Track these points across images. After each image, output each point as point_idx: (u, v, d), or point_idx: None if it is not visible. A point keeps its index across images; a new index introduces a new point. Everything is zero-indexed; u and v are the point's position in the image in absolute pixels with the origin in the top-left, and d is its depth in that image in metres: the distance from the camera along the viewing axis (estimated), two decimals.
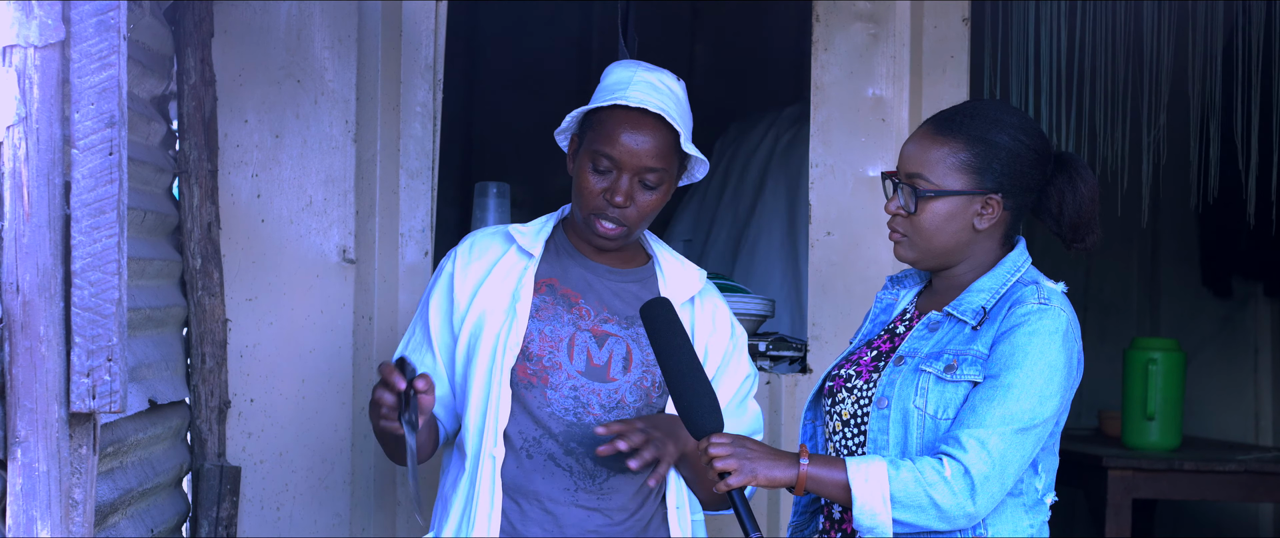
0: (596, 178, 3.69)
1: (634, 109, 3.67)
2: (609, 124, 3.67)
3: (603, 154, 3.66)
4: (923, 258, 3.44)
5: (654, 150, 3.68)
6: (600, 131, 3.68)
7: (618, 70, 3.76)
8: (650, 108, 3.66)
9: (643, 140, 3.67)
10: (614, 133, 3.66)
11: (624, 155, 3.66)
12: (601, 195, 3.68)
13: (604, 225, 3.70)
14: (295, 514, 4.65)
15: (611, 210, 3.68)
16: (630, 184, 3.68)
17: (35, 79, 2.81)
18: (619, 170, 3.67)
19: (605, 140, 3.66)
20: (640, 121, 3.67)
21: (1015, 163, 3.38)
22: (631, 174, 3.67)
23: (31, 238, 2.81)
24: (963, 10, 4.95)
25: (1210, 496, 6.19)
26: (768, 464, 3.28)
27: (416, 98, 4.73)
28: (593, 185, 3.69)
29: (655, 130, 3.68)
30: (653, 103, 3.67)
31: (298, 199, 4.66)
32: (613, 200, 3.67)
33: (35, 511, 2.82)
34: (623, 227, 3.72)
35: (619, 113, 3.68)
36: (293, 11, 4.66)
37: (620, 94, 3.68)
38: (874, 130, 4.90)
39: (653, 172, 3.68)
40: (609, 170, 3.67)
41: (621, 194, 3.67)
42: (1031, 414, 3.27)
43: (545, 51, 7.60)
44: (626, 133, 3.66)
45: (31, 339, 2.81)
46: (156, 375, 4.17)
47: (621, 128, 3.66)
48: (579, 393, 3.72)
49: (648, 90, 3.70)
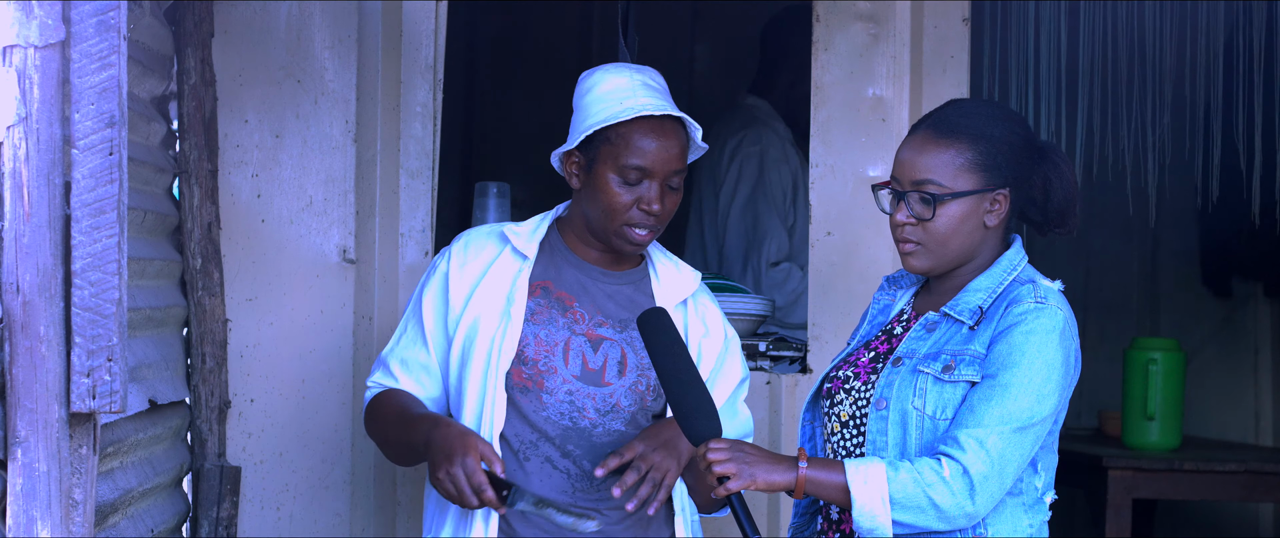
0: (626, 190, 3.69)
1: (657, 117, 3.68)
2: (635, 136, 3.68)
3: (634, 166, 3.67)
4: (938, 264, 3.43)
5: (680, 153, 3.72)
6: (625, 144, 3.68)
7: (610, 78, 3.75)
8: (672, 113, 3.69)
9: (670, 146, 3.69)
10: (643, 144, 3.67)
11: (657, 164, 3.68)
12: (635, 206, 3.69)
13: (638, 233, 3.72)
14: (295, 514, 4.65)
15: (648, 219, 3.70)
16: (661, 190, 3.69)
17: (35, 79, 2.81)
18: (650, 179, 3.68)
19: (635, 153, 3.67)
20: (663, 128, 3.69)
21: (1015, 154, 3.40)
22: (662, 180, 3.69)
23: (32, 238, 2.81)
24: (963, 10, 4.95)
25: (1210, 496, 6.19)
26: (766, 468, 3.28)
27: (417, 98, 4.72)
28: (622, 198, 3.69)
29: (676, 134, 3.71)
30: (671, 108, 3.69)
31: (298, 199, 4.66)
32: (650, 210, 3.69)
33: (35, 511, 2.82)
34: (656, 230, 3.75)
35: (643, 123, 3.69)
36: (293, 12, 4.66)
37: (635, 105, 3.68)
38: (874, 130, 4.90)
39: (678, 174, 3.73)
40: (639, 180, 3.68)
41: (658, 201, 3.69)
42: (1030, 413, 3.27)
43: (546, 52, 7.59)
44: (656, 142, 3.68)
45: (32, 339, 2.81)
46: (157, 376, 4.16)
47: (649, 137, 3.68)
48: (574, 397, 3.72)
49: (654, 94, 3.71)
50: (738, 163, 5.88)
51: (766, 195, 5.80)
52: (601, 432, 3.73)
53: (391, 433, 3.79)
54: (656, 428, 3.70)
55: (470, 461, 3.51)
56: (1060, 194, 3.47)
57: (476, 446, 3.53)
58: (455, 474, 3.51)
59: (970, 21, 4.96)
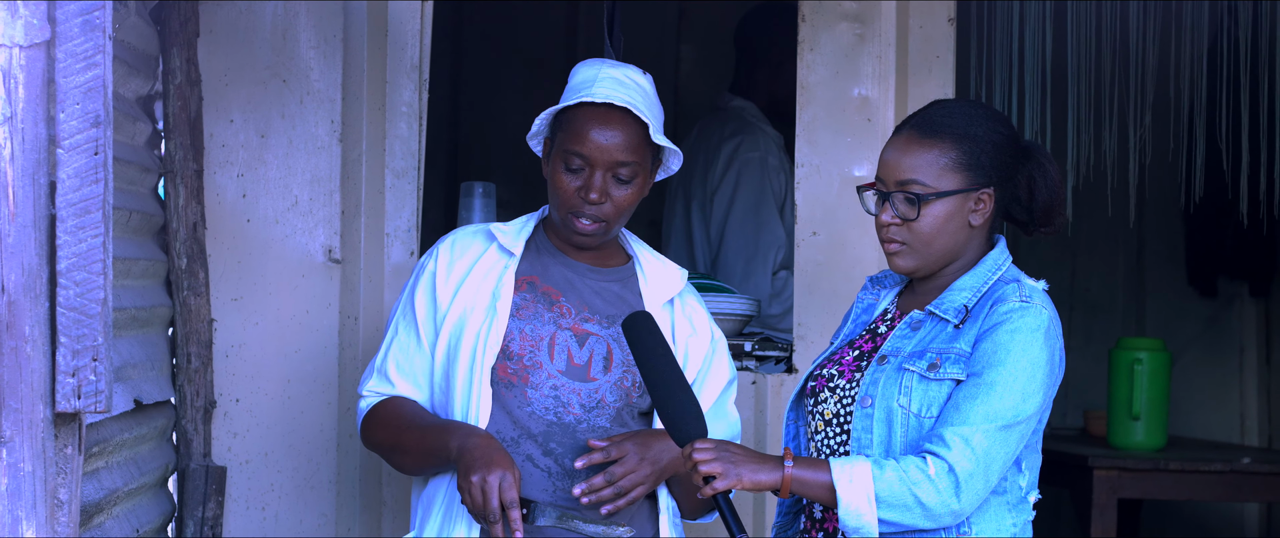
0: (570, 177, 3.70)
1: (601, 105, 3.69)
2: (577, 122, 3.69)
3: (574, 152, 3.68)
4: (923, 264, 3.43)
5: (624, 144, 3.69)
6: (569, 130, 3.69)
7: (583, 70, 3.79)
8: (616, 102, 3.68)
9: (612, 135, 3.68)
10: (583, 130, 3.68)
11: (595, 151, 3.68)
12: (576, 194, 3.70)
13: (582, 223, 3.71)
14: (281, 514, 4.64)
15: (588, 207, 3.70)
16: (604, 180, 3.69)
17: (20, 79, 2.81)
18: (592, 167, 3.68)
19: (575, 139, 3.68)
20: (608, 117, 3.69)
21: (999, 154, 3.41)
22: (604, 170, 3.69)
23: (16, 238, 2.81)
24: (948, 10, 4.95)
25: (1196, 496, 6.20)
26: (752, 467, 3.29)
27: (402, 97, 4.72)
28: (567, 185, 3.70)
29: (624, 124, 3.69)
30: (619, 97, 3.68)
31: (283, 199, 4.65)
32: (588, 198, 3.69)
33: (20, 511, 2.82)
34: (600, 222, 3.72)
35: (586, 110, 3.69)
36: (278, 11, 4.65)
37: (586, 92, 3.70)
38: (860, 130, 4.91)
39: (625, 166, 3.70)
40: (581, 168, 3.69)
41: (596, 191, 3.68)
42: (1014, 411, 3.28)
43: (532, 52, 7.59)
44: (595, 129, 3.68)
45: (16, 339, 2.81)
46: (142, 375, 4.16)
47: (590, 124, 3.68)
48: (559, 392, 3.72)
49: (613, 86, 3.71)
50: (736, 169, 5.87)
51: (770, 203, 5.79)
52: (586, 428, 3.72)
53: (407, 440, 3.76)
54: (648, 437, 3.69)
55: (510, 476, 3.51)
56: (1045, 194, 3.48)
57: (515, 464, 3.54)
58: (490, 483, 3.51)
59: (956, 22, 4.97)
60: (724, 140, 5.92)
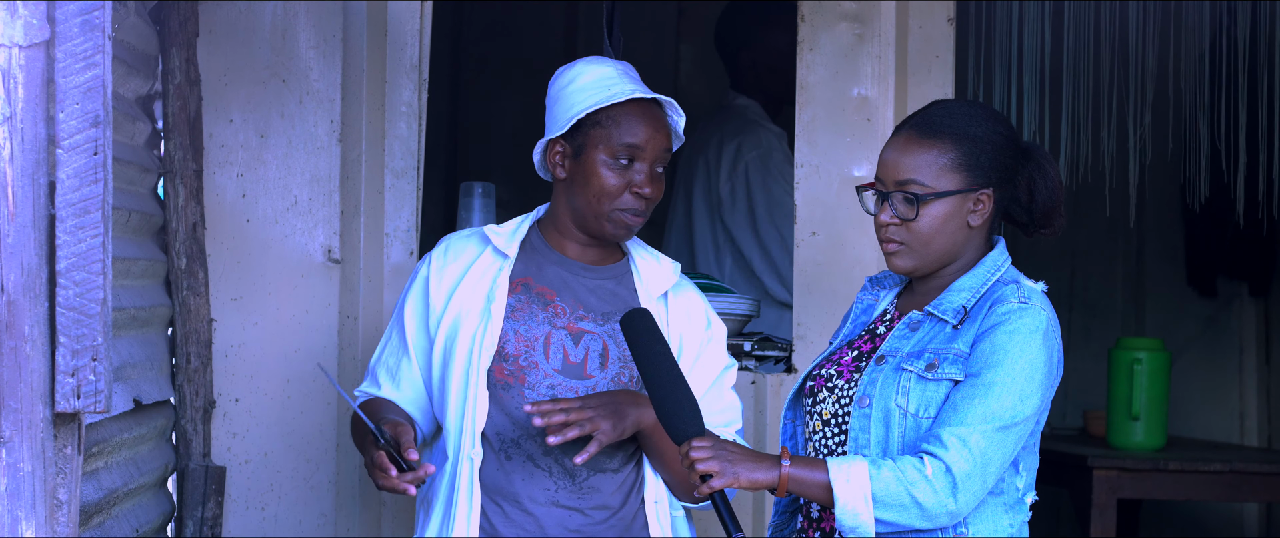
0: (617, 173, 3.73)
1: (647, 101, 3.73)
2: (627, 118, 3.74)
3: (628, 145, 3.72)
4: (922, 264, 3.44)
5: (668, 136, 3.79)
6: (618, 127, 3.73)
7: (590, 68, 3.81)
8: (661, 97, 3.76)
9: (661, 128, 3.76)
10: (636, 125, 3.73)
11: (649, 145, 3.73)
12: (627, 189, 3.73)
13: (630, 217, 3.75)
14: (280, 514, 4.65)
15: (638, 202, 3.73)
16: (651, 171, 3.72)
17: (20, 79, 2.81)
18: (642, 159, 3.72)
19: (629, 132, 3.73)
20: (653, 112, 3.77)
21: (998, 154, 3.41)
22: (652, 161, 3.74)
23: (16, 238, 2.81)
24: (948, 10, 4.95)
25: (1195, 495, 6.20)
26: (749, 466, 3.29)
27: (402, 97, 4.73)
28: (613, 180, 3.74)
29: (663, 119, 3.79)
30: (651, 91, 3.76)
31: (283, 199, 4.66)
32: (642, 191, 3.74)
33: (20, 511, 2.82)
34: (645, 215, 3.79)
35: (635, 105, 3.75)
36: (278, 11, 4.66)
37: (622, 89, 3.75)
38: (859, 130, 4.91)
39: (667, 154, 3.79)
40: (630, 162, 3.71)
41: (649, 183, 3.73)
42: (1012, 412, 3.28)
43: (531, 52, 7.60)
44: (648, 123, 3.74)
45: (16, 339, 2.81)
46: (141, 375, 4.16)
47: (642, 119, 3.74)
48: (556, 391, 3.73)
49: (638, 82, 3.76)
50: (744, 171, 5.87)
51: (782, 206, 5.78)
52: None
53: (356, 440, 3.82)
54: (602, 394, 3.70)
55: (380, 456, 3.53)
56: (1044, 194, 3.48)
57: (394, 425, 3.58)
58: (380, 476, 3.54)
59: (955, 22, 4.97)
60: (726, 140, 5.92)
